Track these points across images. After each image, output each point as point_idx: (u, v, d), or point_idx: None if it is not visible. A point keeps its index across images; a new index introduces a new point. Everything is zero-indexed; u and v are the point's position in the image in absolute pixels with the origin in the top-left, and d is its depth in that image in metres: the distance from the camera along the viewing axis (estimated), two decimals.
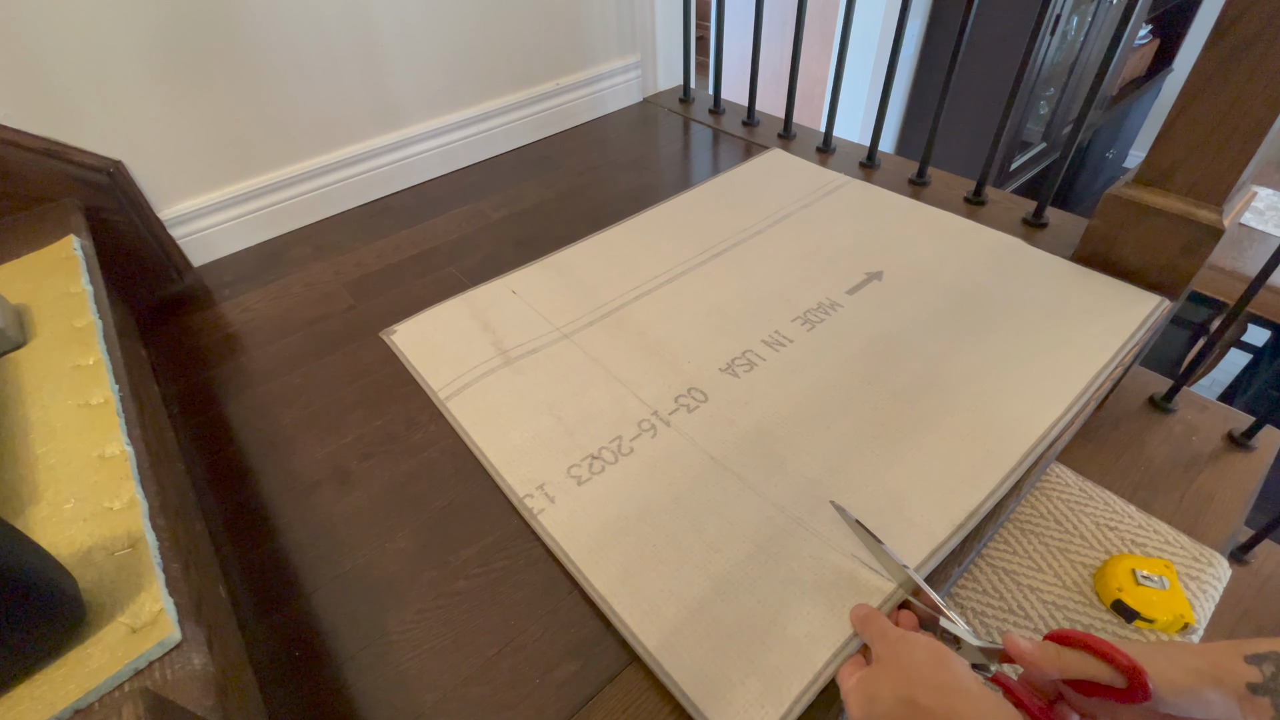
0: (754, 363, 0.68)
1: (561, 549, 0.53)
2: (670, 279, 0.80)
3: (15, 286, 0.61)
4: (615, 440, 0.61)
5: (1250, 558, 0.76)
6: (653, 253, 0.85)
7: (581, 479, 0.58)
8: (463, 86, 1.03)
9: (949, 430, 0.60)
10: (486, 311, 0.77)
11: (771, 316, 0.74)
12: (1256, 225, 1.59)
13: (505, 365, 0.70)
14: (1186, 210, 0.67)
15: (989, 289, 0.75)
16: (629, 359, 0.70)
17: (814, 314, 0.73)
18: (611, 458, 0.60)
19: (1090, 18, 1.75)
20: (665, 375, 0.67)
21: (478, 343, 0.73)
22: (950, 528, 0.52)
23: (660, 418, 0.63)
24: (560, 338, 0.73)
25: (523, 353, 0.71)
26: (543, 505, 0.56)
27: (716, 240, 0.86)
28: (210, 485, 0.62)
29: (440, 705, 0.46)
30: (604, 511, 0.55)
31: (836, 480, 0.56)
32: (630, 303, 0.77)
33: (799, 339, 0.70)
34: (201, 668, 0.35)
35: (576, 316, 0.76)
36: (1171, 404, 0.78)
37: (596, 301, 0.78)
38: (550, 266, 0.85)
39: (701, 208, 0.94)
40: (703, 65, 1.19)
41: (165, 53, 0.76)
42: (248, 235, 0.93)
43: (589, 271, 0.83)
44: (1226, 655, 0.32)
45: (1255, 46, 0.57)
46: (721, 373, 0.67)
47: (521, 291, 0.80)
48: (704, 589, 0.49)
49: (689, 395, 0.65)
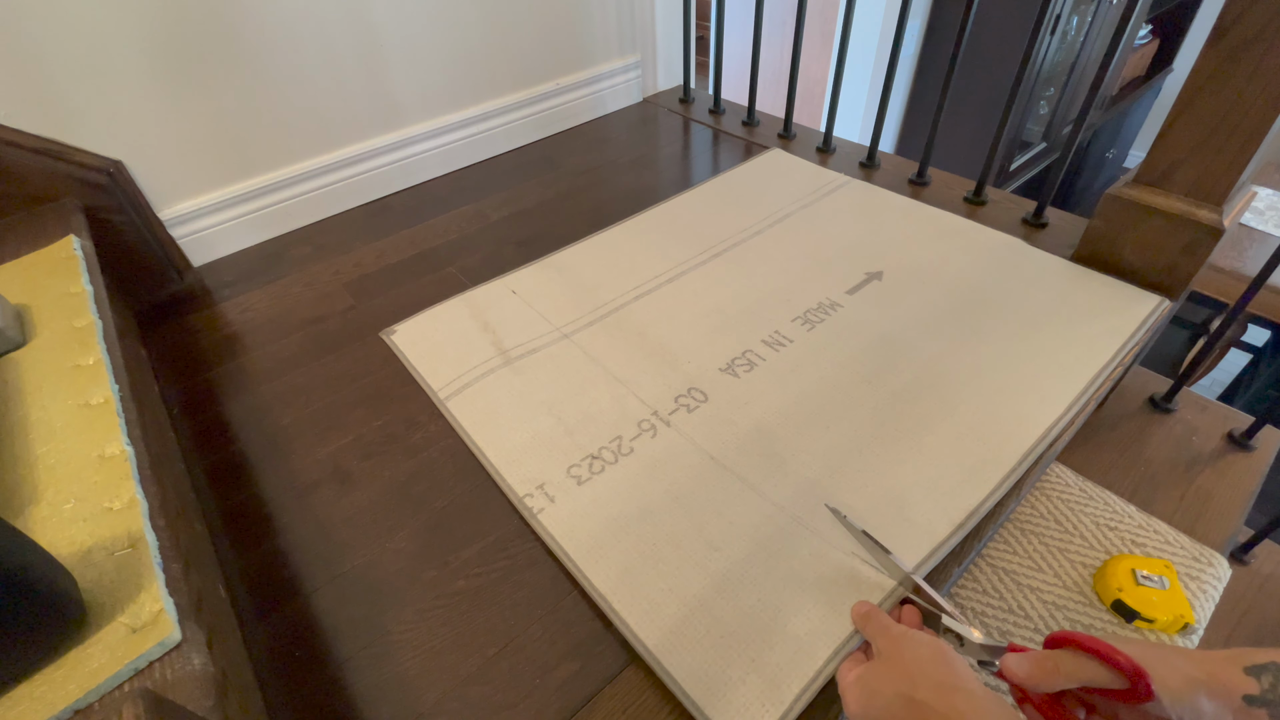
0: (754, 363, 0.68)
1: (561, 548, 0.53)
2: (670, 279, 0.80)
3: (15, 286, 0.61)
4: (615, 440, 0.61)
5: (1250, 558, 0.76)
6: (653, 252, 0.85)
7: (581, 479, 0.58)
8: (463, 86, 1.03)
9: (949, 430, 0.60)
10: (486, 311, 0.77)
11: (772, 316, 0.74)
12: (1256, 225, 1.59)
13: (505, 365, 0.70)
14: (1186, 210, 0.67)
15: (989, 289, 0.75)
16: (629, 359, 0.69)
17: (814, 314, 0.73)
18: (611, 457, 0.60)
19: (1090, 18, 1.75)
20: (665, 375, 0.67)
21: (477, 343, 0.73)
22: (951, 527, 0.52)
23: (660, 418, 0.63)
24: (560, 338, 0.73)
25: (523, 353, 0.71)
26: (543, 505, 0.56)
27: (717, 240, 0.86)
28: (210, 485, 0.62)
29: (440, 705, 0.46)
30: (604, 511, 0.55)
31: (836, 480, 0.56)
32: (630, 303, 0.77)
33: (799, 339, 0.70)
34: (201, 668, 0.35)
35: (576, 316, 0.75)
36: (1171, 404, 0.78)
37: (596, 301, 0.77)
38: (550, 266, 0.84)
39: (702, 208, 0.94)
40: (703, 65, 1.19)
41: (165, 53, 0.76)
42: (248, 235, 0.93)
43: (589, 271, 0.83)
44: (1225, 665, 0.32)
45: (1255, 46, 0.57)
46: (721, 373, 0.67)
47: (521, 291, 0.80)
48: (704, 587, 0.49)
49: (689, 395, 0.65)
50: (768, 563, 0.51)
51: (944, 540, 0.51)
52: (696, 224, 0.90)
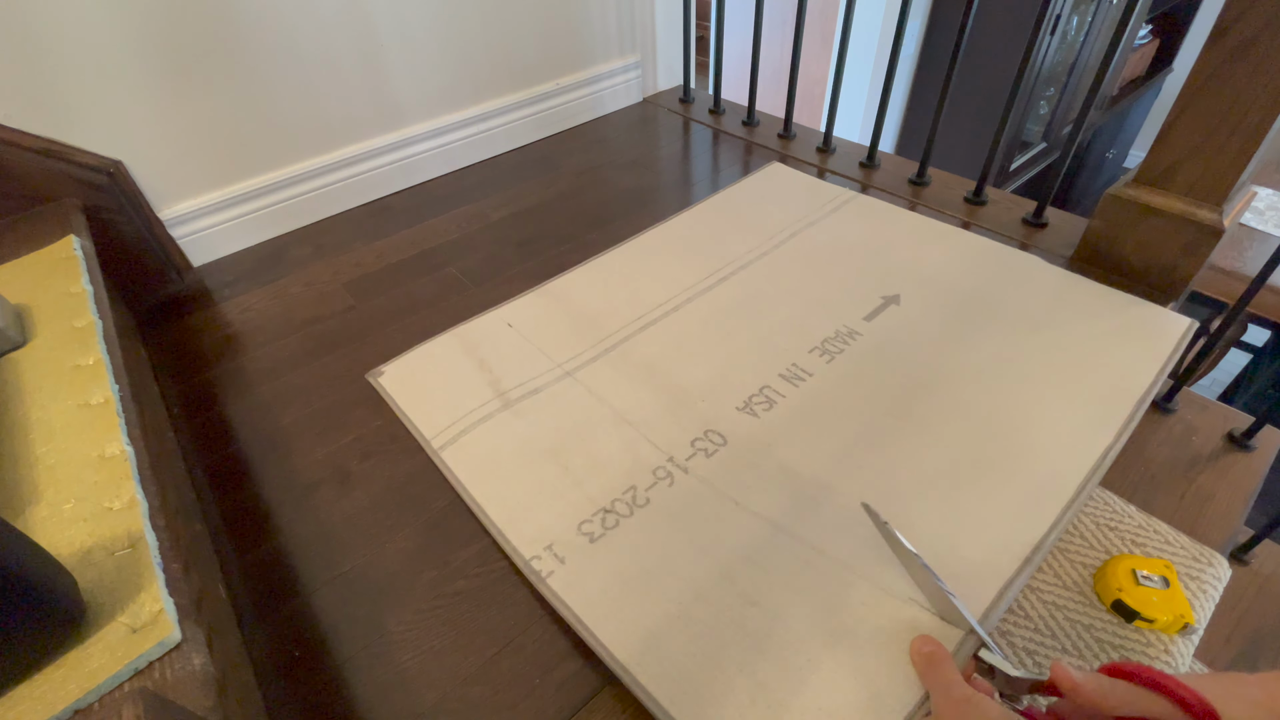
0: (773, 400, 0.63)
1: (575, 615, 0.48)
2: (675, 307, 0.76)
3: (15, 286, 0.61)
4: (629, 490, 0.56)
5: (1250, 558, 0.76)
6: (655, 278, 0.80)
7: (594, 535, 0.53)
8: (463, 86, 1.03)
9: (992, 462, 0.56)
10: (480, 347, 0.72)
11: (787, 347, 0.69)
12: (1256, 225, 1.59)
13: (504, 408, 0.65)
14: (1186, 210, 0.67)
15: (1014, 312, 0.71)
16: (638, 398, 0.65)
17: (832, 343, 0.69)
18: (626, 510, 0.55)
19: (1090, 18, 1.75)
20: (678, 416, 0.62)
21: (473, 383, 0.68)
22: (1017, 562, 0.48)
23: (677, 464, 0.58)
24: (562, 375, 0.68)
25: (522, 393, 0.66)
26: (552, 567, 0.51)
27: (721, 263, 0.82)
28: (210, 485, 0.62)
29: (440, 705, 0.46)
30: (622, 570, 0.50)
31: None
32: (635, 334, 0.72)
33: (818, 372, 0.66)
34: (201, 668, 0.35)
35: (579, 351, 0.70)
36: (1171, 404, 0.78)
37: (599, 334, 0.72)
38: (548, 295, 0.79)
39: (702, 228, 0.90)
40: (703, 65, 1.19)
41: (165, 53, 0.76)
42: (248, 235, 0.93)
43: (589, 299, 0.78)
44: None
45: (1255, 46, 0.57)
46: (739, 412, 0.62)
47: (518, 324, 0.75)
48: (743, 650, 0.44)
49: (705, 438, 0.60)
50: (814, 616, 0.44)
51: (1012, 579, 0.47)
52: (698, 246, 0.86)
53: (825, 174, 1.01)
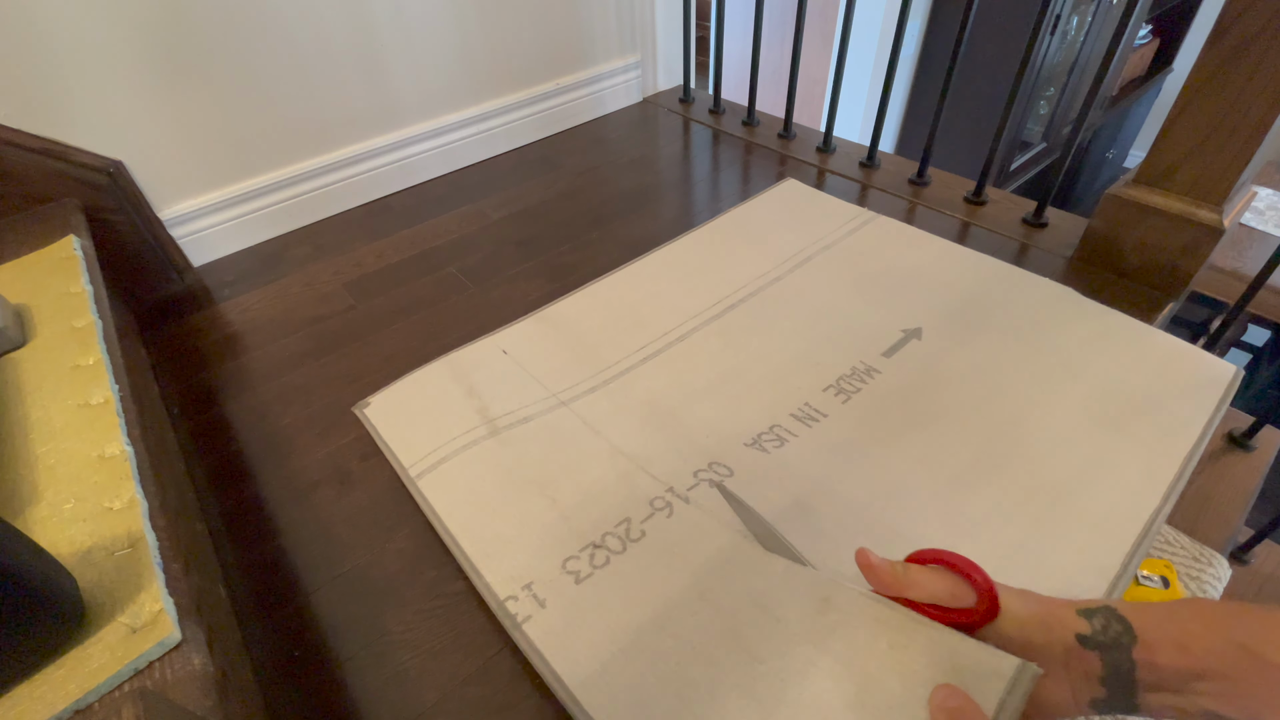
0: (784, 439, 0.59)
1: (552, 670, 0.43)
2: (681, 337, 0.71)
3: (15, 286, 0.61)
4: (623, 523, 0.52)
5: (1250, 558, 0.76)
6: (660, 304, 0.75)
7: (580, 575, 0.48)
8: (462, 86, 1.03)
9: (1033, 517, 0.51)
10: (472, 374, 0.68)
11: (800, 384, 0.64)
12: (1256, 225, 1.60)
13: (490, 436, 0.60)
14: (1186, 210, 0.67)
15: (1046, 350, 0.65)
16: (638, 432, 0.60)
17: (848, 381, 0.64)
18: (618, 545, 0.50)
19: (1090, 18, 1.75)
20: (681, 450, 0.58)
21: (458, 410, 0.63)
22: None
23: (677, 494, 0.53)
24: (557, 405, 0.63)
25: (511, 421, 0.62)
26: (529, 611, 0.46)
27: (730, 289, 0.77)
28: (210, 485, 0.62)
29: (440, 705, 0.46)
30: (610, 617, 0.45)
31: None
32: (637, 365, 0.68)
33: (833, 413, 0.60)
34: (201, 667, 0.35)
35: (576, 381, 0.66)
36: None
37: (599, 364, 0.68)
38: (545, 321, 0.75)
39: (711, 250, 0.84)
40: (703, 65, 1.20)
41: (165, 53, 0.76)
42: (248, 235, 0.93)
43: (589, 327, 0.73)
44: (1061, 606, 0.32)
45: (1255, 46, 0.57)
46: (747, 448, 0.58)
47: (513, 351, 0.71)
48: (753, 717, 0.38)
49: (710, 470, 0.56)
50: (834, 668, 0.37)
51: None
52: (707, 269, 0.81)
53: (825, 174, 1.01)
